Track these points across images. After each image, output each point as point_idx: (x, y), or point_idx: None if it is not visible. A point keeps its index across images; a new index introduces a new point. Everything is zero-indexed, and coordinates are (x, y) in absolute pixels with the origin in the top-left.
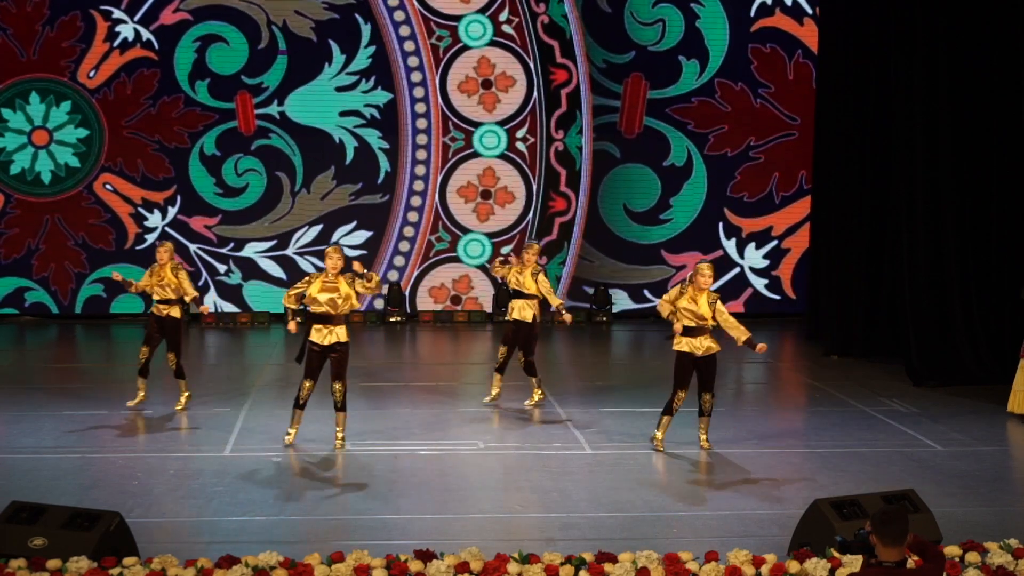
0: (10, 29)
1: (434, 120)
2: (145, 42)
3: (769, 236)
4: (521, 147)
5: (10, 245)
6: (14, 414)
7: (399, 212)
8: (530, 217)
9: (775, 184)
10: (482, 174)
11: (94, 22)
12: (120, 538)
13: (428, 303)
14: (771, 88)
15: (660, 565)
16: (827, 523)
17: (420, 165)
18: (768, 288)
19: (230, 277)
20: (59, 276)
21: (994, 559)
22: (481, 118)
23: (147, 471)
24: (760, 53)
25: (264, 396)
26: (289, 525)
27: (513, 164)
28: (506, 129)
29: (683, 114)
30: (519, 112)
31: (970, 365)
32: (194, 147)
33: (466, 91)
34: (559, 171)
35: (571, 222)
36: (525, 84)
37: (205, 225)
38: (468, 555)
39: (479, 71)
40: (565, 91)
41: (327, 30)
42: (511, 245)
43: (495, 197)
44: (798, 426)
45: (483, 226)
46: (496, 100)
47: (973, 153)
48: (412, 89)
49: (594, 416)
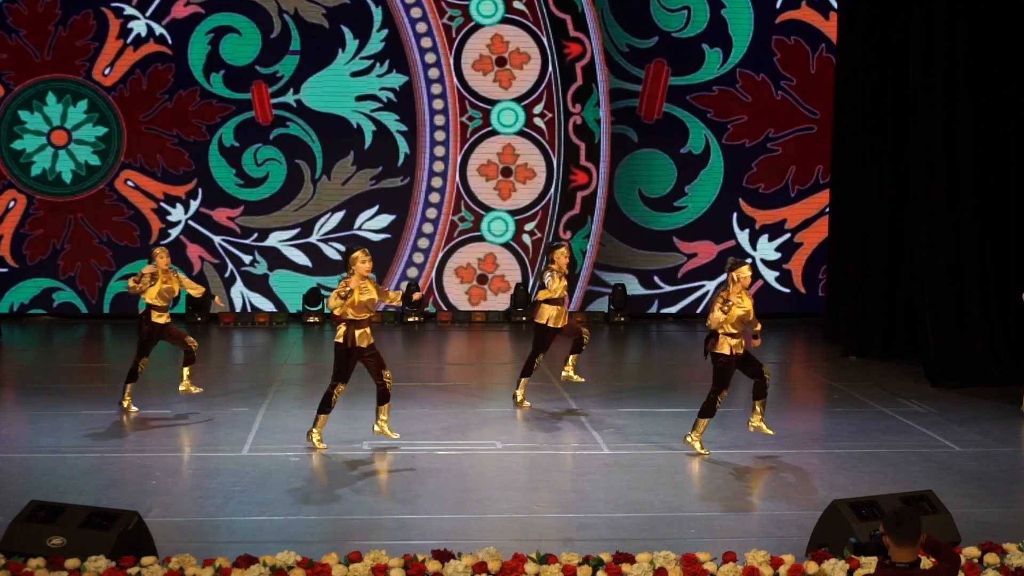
0: (23, 31)
1: (451, 100)
2: (158, 37)
3: (782, 229)
4: (539, 123)
5: (35, 246)
6: (34, 413)
7: (420, 194)
8: (552, 192)
9: (791, 177)
10: (501, 152)
11: (106, 20)
12: (138, 537)
13: (455, 284)
14: (792, 81)
15: (678, 566)
16: (845, 524)
17: (439, 146)
18: (778, 281)
19: (256, 268)
20: (86, 275)
21: (1013, 560)
22: (497, 96)
23: (165, 471)
24: (784, 45)
25: (282, 396)
26: (307, 525)
27: (532, 140)
28: (523, 105)
29: (703, 102)
30: (535, 88)
31: (989, 366)
32: (213, 139)
33: (480, 69)
34: (578, 145)
35: (593, 195)
36: (540, 60)
37: (228, 217)
38: (486, 555)
39: (493, 49)
40: (580, 64)
41: (338, 16)
42: (534, 222)
43: (516, 174)
44: (816, 427)
45: (506, 204)
46: (511, 77)
47: (993, 151)
48: (427, 71)
49: (612, 416)
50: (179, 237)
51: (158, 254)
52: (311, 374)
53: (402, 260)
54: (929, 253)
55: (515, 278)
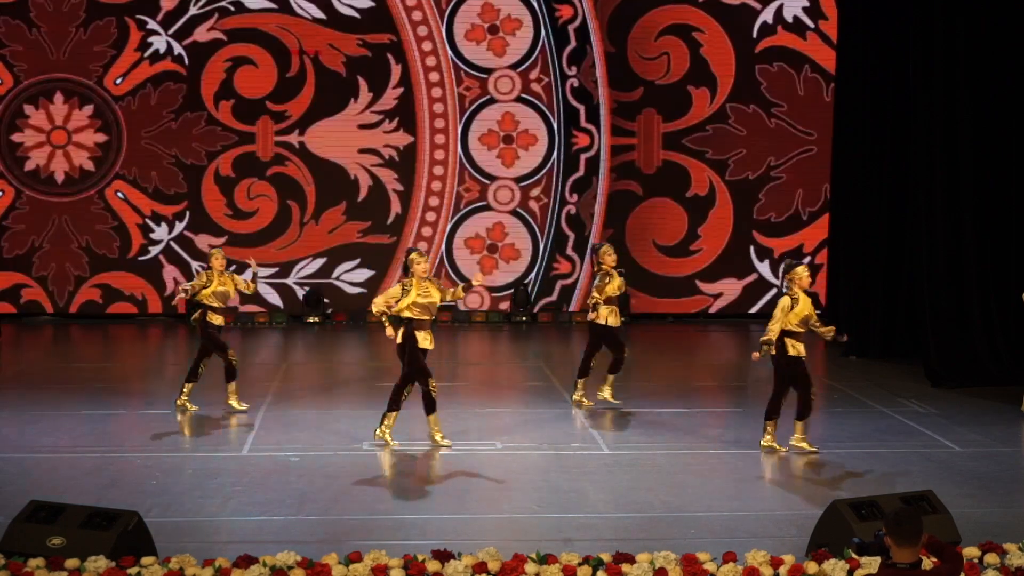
0: (44, 27)
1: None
2: (176, 56)
3: (801, 253)
4: (536, 88)
5: (14, 240)
6: (33, 414)
7: (424, 161)
8: (555, 156)
9: (799, 201)
10: (501, 119)
11: (128, 30)
12: (138, 537)
13: (465, 255)
14: (783, 106)
15: (678, 566)
16: (845, 524)
17: (439, 119)
18: None
19: None
20: (59, 277)
21: (1013, 560)
22: (492, 64)
23: (165, 471)
24: (768, 73)
25: (282, 396)
26: (307, 525)
27: (531, 106)
28: (518, 72)
29: (700, 143)
30: (529, 54)
31: (989, 366)
32: (210, 165)
33: (474, 39)
34: (578, 107)
35: (596, 157)
36: (532, 25)
37: (210, 245)
38: (486, 555)
39: (483, 17)
40: (572, 27)
41: (357, 66)
42: (539, 188)
43: (517, 141)
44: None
45: (510, 171)
46: (505, 44)
47: (993, 151)
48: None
49: (612, 416)
50: (158, 256)
51: (214, 255)
52: (311, 374)
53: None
54: (929, 253)
55: (527, 248)
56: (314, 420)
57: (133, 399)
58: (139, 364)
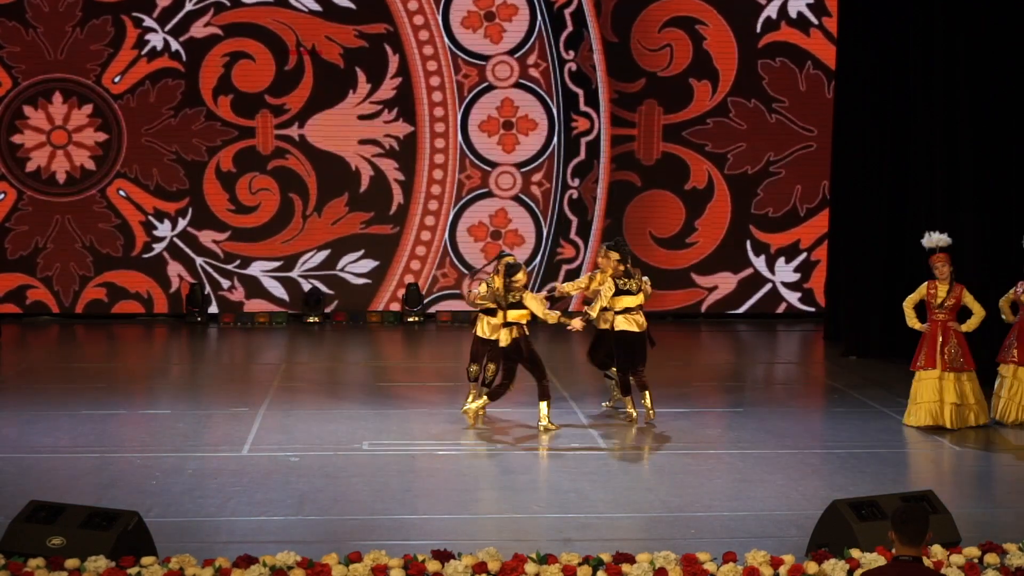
0: (40, 27)
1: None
2: (173, 52)
3: (797, 249)
4: (534, 73)
5: (17, 241)
6: (32, 414)
7: (424, 150)
8: (555, 141)
9: (797, 197)
10: (500, 106)
11: (124, 28)
12: (138, 537)
13: (468, 242)
14: (784, 102)
15: (678, 566)
16: (845, 524)
17: (438, 107)
18: (802, 301)
19: (232, 293)
20: (63, 277)
21: (1013, 560)
22: (489, 51)
23: (165, 471)
24: (770, 68)
25: (282, 396)
26: (307, 525)
27: (529, 92)
28: (516, 58)
29: (700, 136)
30: (526, 39)
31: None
32: (210, 161)
33: (470, 27)
34: (576, 92)
35: (596, 140)
36: (528, 10)
37: (214, 240)
38: (485, 555)
39: (479, 4)
40: (568, 11)
41: (355, 57)
42: (541, 173)
43: (517, 126)
44: (816, 426)
45: (511, 157)
46: (501, 31)
47: (993, 151)
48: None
49: (612, 416)
50: (162, 253)
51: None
52: (311, 374)
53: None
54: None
55: (531, 233)
56: (314, 420)
57: (134, 399)
58: (142, 364)
